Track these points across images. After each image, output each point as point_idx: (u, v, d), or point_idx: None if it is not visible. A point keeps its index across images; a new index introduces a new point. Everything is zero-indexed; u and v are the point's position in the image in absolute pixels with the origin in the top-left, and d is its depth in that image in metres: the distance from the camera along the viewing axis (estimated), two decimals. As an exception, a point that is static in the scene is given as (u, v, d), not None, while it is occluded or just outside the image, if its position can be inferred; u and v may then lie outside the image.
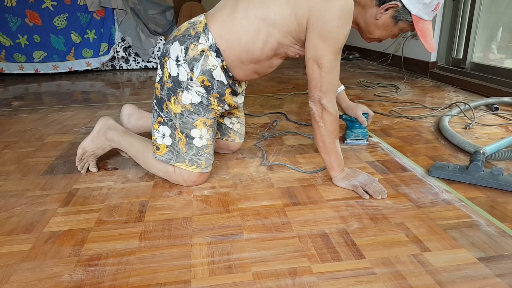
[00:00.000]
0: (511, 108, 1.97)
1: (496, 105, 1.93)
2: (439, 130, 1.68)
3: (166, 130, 1.20)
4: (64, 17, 3.26)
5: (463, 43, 2.57)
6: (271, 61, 1.21)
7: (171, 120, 1.18)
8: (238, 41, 1.13)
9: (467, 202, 1.08)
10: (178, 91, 1.16)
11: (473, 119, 1.79)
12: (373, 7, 1.09)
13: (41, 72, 3.33)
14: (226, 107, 1.25)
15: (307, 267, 0.83)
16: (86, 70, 3.46)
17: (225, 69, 1.18)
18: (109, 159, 1.45)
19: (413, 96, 2.30)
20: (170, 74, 1.17)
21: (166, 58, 1.18)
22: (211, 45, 1.14)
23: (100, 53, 3.40)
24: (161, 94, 1.19)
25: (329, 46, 1.06)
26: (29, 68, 3.30)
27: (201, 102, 1.17)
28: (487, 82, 2.31)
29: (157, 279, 0.81)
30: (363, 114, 1.47)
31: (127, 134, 1.33)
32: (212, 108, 1.20)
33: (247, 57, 1.16)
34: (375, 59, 3.51)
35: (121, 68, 3.60)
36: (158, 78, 1.22)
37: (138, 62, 3.59)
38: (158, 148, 1.21)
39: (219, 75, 1.17)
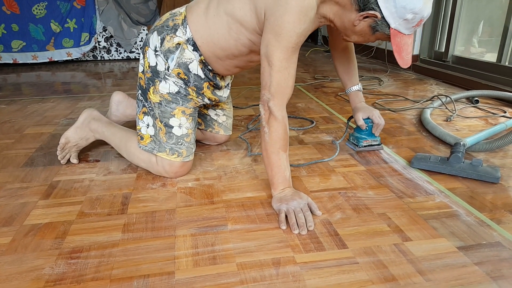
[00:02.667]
0: (491, 101, 2.01)
1: (476, 98, 1.97)
2: (421, 122, 1.70)
3: (150, 120, 1.19)
4: (43, 6, 3.18)
5: (445, 36, 2.61)
6: (248, 56, 1.16)
7: (153, 110, 1.18)
8: (211, 37, 1.11)
9: (447, 193, 1.11)
10: (156, 80, 1.16)
11: (454, 112, 1.82)
12: (353, 11, 0.98)
13: (20, 62, 3.24)
14: (206, 101, 1.24)
15: (290, 257, 0.84)
16: (66, 60, 3.38)
17: (204, 63, 1.16)
18: (90, 151, 1.42)
19: (396, 88, 2.33)
20: (149, 64, 1.17)
21: (146, 47, 1.18)
22: (188, 38, 1.13)
23: (81, 43, 3.33)
24: (144, 84, 1.19)
25: (279, 43, 0.97)
26: (7, 58, 3.20)
27: (178, 92, 1.16)
28: (468, 75, 2.36)
29: (140, 271, 0.80)
30: (366, 119, 1.36)
31: (111, 125, 1.32)
32: (191, 98, 1.19)
33: (223, 53, 1.14)
34: (358, 52, 3.53)
35: (102, 59, 3.53)
36: (140, 68, 1.21)
37: (120, 53, 3.53)
38: (142, 138, 1.21)
39: (195, 68, 1.16)
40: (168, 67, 1.14)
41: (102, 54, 3.51)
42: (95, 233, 0.93)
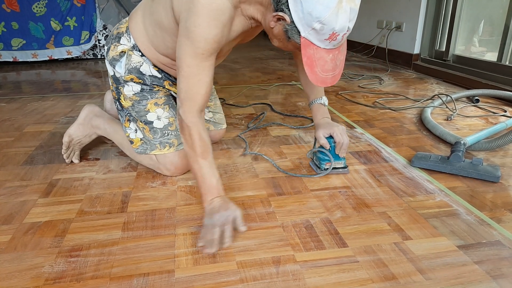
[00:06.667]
0: (491, 100, 2.01)
1: (477, 97, 1.96)
2: (421, 121, 1.70)
3: (134, 125, 1.21)
4: (43, 4, 3.17)
5: (446, 35, 2.60)
6: None
7: (131, 114, 1.19)
8: (152, 45, 1.11)
9: (447, 192, 1.11)
10: (120, 88, 1.17)
11: (454, 111, 1.82)
12: (271, 11, 0.88)
13: (20, 60, 3.23)
14: (174, 94, 1.24)
15: (290, 255, 0.84)
16: (66, 58, 3.38)
17: (157, 67, 1.16)
18: (91, 149, 1.42)
19: (397, 87, 2.33)
20: (110, 74, 1.19)
21: (106, 60, 1.21)
22: (134, 45, 1.13)
23: (81, 41, 3.32)
24: (116, 94, 1.20)
25: (188, 47, 0.90)
26: (7, 56, 3.20)
27: (142, 89, 1.17)
28: (468, 75, 2.35)
29: (140, 269, 0.80)
30: (329, 138, 1.18)
31: (113, 121, 1.32)
32: (158, 90, 1.19)
33: (167, 60, 1.12)
34: (359, 51, 3.52)
35: (102, 57, 3.53)
36: (109, 81, 1.22)
37: (121, 51, 3.52)
38: (132, 142, 1.21)
39: (148, 70, 1.15)
40: (120, 74, 1.15)
41: (102, 53, 3.50)
42: (95, 231, 0.93)
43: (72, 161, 1.31)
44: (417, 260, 0.82)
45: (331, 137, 1.17)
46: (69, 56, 3.32)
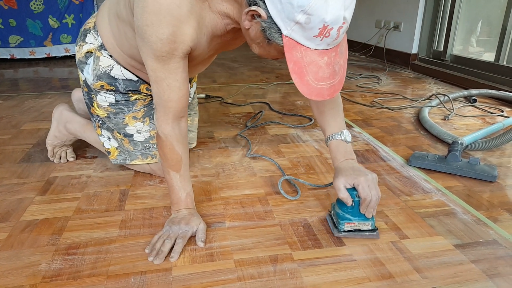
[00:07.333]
0: (488, 100, 2.01)
1: (474, 97, 1.97)
2: (419, 121, 1.70)
3: (107, 133, 1.14)
4: (41, 1, 3.16)
5: (444, 35, 2.61)
6: None
7: (104, 123, 1.12)
8: (116, 44, 0.99)
9: (444, 191, 1.11)
10: (92, 95, 1.08)
11: (452, 111, 1.82)
12: (246, 7, 0.70)
13: (17, 57, 3.22)
14: None
15: (288, 254, 0.84)
16: (64, 56, 3.37)
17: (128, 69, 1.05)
18: (88, 147, 1.42)
19: (394, 87, 2.33)
20: (81, 78, 1.09)
21: None
22: (101, 44, 1.00)
23: (79, 39, 3.31)
24: (86, 99, 1.11)
25: (146, 49, 0.80)
26: (4, 53, 3.19)
27: (117, 100, 1.07)
28: (466, 75, 2.36)
29: (137, 267, 0.80)
30: (350, 190, 0.87)
31: (89, 127, 1.23)
32: (135, 99, 1.08)
33: (135, 63, 1.00)
34: (357, 50, 3.53)
35: (101, 55, 3.51)
36: (81, 83, 1.12)
37: (119, 49, 3.51)
38: (109, 153, 1.17)
39: (121, 73, 1.02)
40: (89, 81, 1.04)
41: (100, 50, 3.49)
42: (92, 230, 0.93)
43: (67, 160, 1.31)
44: (414, 259, 0.82)
45: (355, 188, 0.87)
46: (67, 54, 3.32)
